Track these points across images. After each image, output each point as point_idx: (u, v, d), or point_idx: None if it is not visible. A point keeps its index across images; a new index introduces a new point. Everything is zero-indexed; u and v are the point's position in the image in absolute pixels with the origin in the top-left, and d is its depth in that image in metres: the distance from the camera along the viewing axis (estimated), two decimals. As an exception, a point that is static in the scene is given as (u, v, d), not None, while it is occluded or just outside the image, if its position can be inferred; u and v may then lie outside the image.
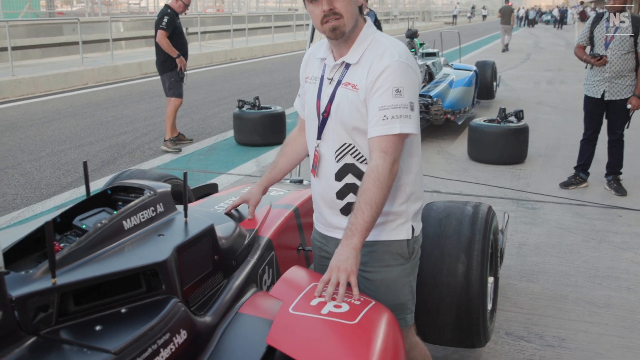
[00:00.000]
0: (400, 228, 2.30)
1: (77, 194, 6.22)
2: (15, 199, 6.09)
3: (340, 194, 2.29)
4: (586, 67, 6.22)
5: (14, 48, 14.57)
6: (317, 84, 2.32)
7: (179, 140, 8.40)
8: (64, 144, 8.48)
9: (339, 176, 2.28)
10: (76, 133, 9.20)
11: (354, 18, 2.18)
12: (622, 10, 5.90)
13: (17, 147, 8.21)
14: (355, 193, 2.21)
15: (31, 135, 8.99)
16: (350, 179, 2.27)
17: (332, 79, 2.26)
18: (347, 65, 2.23)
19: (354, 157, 2.25)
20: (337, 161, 2.27)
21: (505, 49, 25.19)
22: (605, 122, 6.23)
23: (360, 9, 2.24)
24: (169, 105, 8.18)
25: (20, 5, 21.44)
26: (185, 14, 8.28)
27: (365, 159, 2.23)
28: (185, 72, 8.12)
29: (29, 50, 17.40)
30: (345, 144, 2.24)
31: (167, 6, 8.09)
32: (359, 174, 2.23)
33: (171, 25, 7.91)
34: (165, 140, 8.21)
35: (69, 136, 8.97)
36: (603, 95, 6.02)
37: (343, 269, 2.02)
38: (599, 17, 6.17)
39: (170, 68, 8.04)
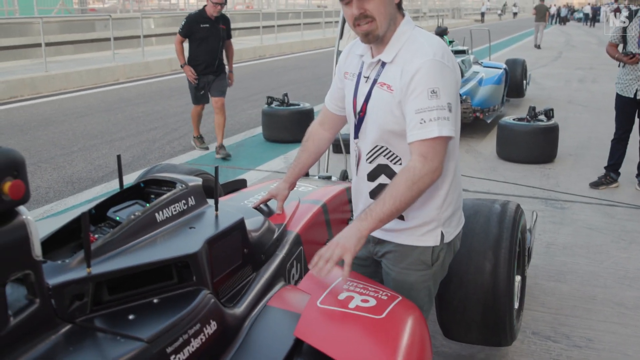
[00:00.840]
0: (429, 235, 2.28)
1: (109, 188, 6.32)
2: (48, 192, 6.20)
3: (373, 194, 2.28)
4: (619, 66, 6.15)
5: (47, 44, 14.82)
6: (355, 81, 2.28)
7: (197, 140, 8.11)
8: (96, 138, 8.61)
9: (372, 176, 2.28)
10: (107, 128, 9.33)
11: (389, 18, 2.11)
12: (656, 8, 5.82)
13: (50, 142, 8.36)
14: None
15: (64, 130, 9.15)
16: (383, 179, 2.25)
17: (368, 77, 2.22)
18: (383, 64, 2.17)
19: (387, 158, 2.23)
20: (370, 162, 2.25)
21: (538, 46, 25.39)
22: (637, 121, 6.15)
23: (399, 4, 2.17)
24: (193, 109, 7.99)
25: (54, 1, 21.76)
26: (217, 14, 7.42)
27: (400, 160, 2.20)
28: (197, 83, 7.56)
29: (62, 46, 17.68)
30: (377, 145, 2.23)
31: (203, 8, 7.50)
32: (392, 175, 2.20)
33: (187, 30, 7.44)
34: (194, 137, 8.11)
35: (100, 131, 9.11)
36: (636, 94, 5.95)
37: (341, 245, 2.02)
38: (632, 15, 6.09)
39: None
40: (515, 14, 70.58)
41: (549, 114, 7.43)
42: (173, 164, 4.29)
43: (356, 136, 2.30)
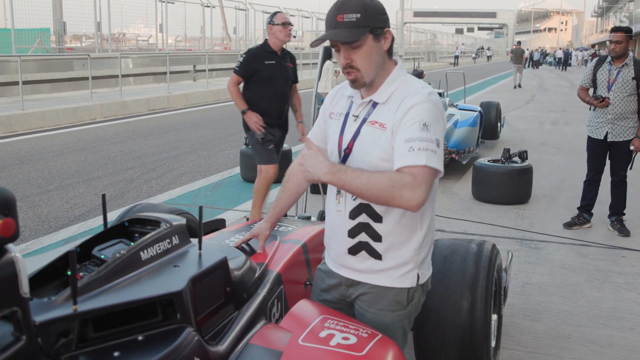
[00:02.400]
0: (406, 276, 2.30)
1: (85, 227, 6.29)
2: (24, 232, 6.15)
3: (352, 233, 2.30)
4: (589, 109, 6.34)
5: (24, 82, 14.80)
6: (342, 120, 2.32)
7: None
8: (72, 177, 8.59)
9: (353, 214, 2.28)
10: (84, 167, 9.31)
11: (375, 68, 2.18)
12: (624, 54, 6.03)
13: (25, 180, 8.32)
14: (367, 233, 2.23)
15: (40, 169, 9.11)
16: (364, 218, 2.26)
17: (357, 116, 2.27)
18: (374, 104, 2.23)
19: None
20: (354, 199, 2.27)
21: (518, 86, 27.11)
22: (608, 163, 6.31)
23: (390, 49, 2.24)
24: (258, 175, 5.97)
25: (31, 40, 21.79)
26: (288, 40, 5.96)
27: None
28: (264, 133, 5.82)
29: (39, 85, 17.66)
30: None
31: (265, 42, 5.97)
32: (373, 215, 2.23)
33: (247, 68, 5.79)
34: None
35: (77, 170, 9.08)
36: (606, 136, 6.12)
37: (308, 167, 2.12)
38: (601, 60, 6.30)
39: (247, 126, 5.92)
40: (489, 57, 72.13)
41: (523, 155, 7.59)
42: (153, 203, 4.31)
43: None
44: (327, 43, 2.23)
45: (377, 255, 2.27)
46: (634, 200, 6.98)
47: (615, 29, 6.11)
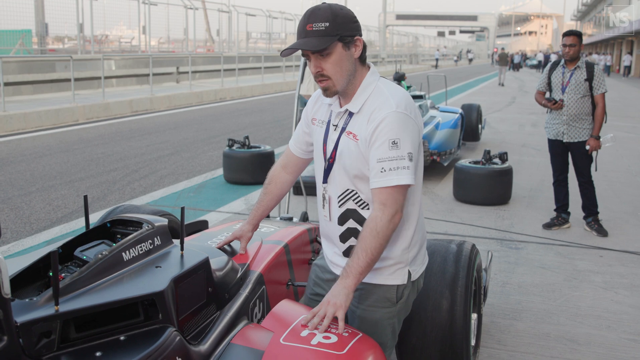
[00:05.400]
0: (397, 273, 2.36)
1: (67, 229, 6.27)
2: (5, 233, 6.12)
3: (343, 238, 2.38)
4: (546, 112, 6.53)
5: (6, 84, 14.68)
6: (324, 128, 2.38)
7: None
8: (54, 179, 8.54)
9: (341, 220, 2.36)
10: (66, 169, 9.26)
11: (346, 76, 2.22)
12: (577, 57, 6.16)
13: (7, 182, 8.26)
14: (356, 237, 2.29)
15: (21, 170, 9.05)
16: (351, 223, 2.34)
17: (337, 126, 2.32)
18: (350, 114, 2.28)
19: (356, 203, 2.31)
20: (340, 206, 2.34)
21: (502, 84, 30.57)
22: (571, 162, 6.45)
23: (362, 56, 2.26)
24: None
25: (13, 41, 21.61)
26: None
27: (367, 205, 2.29)
28: None
29: (21, 86, 17.52)
30: (347, 189, 2.31)
31: None
32: (360, 220, 2.30)
33: None
34: None
35: (59, 172, 9.03)
36: (562, 137, 6.27)
37: (332, 303, 2.12)
38: (556, 64, 6.48)
39: None
40: (470, 60, 72.58)
41: (503, 157, 7.66)
42: (135, 204, 4.30)
43: (325, 181, 2.38)
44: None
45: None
46: (609, 200, 7.08)
47: (567, 33, 6.25)
